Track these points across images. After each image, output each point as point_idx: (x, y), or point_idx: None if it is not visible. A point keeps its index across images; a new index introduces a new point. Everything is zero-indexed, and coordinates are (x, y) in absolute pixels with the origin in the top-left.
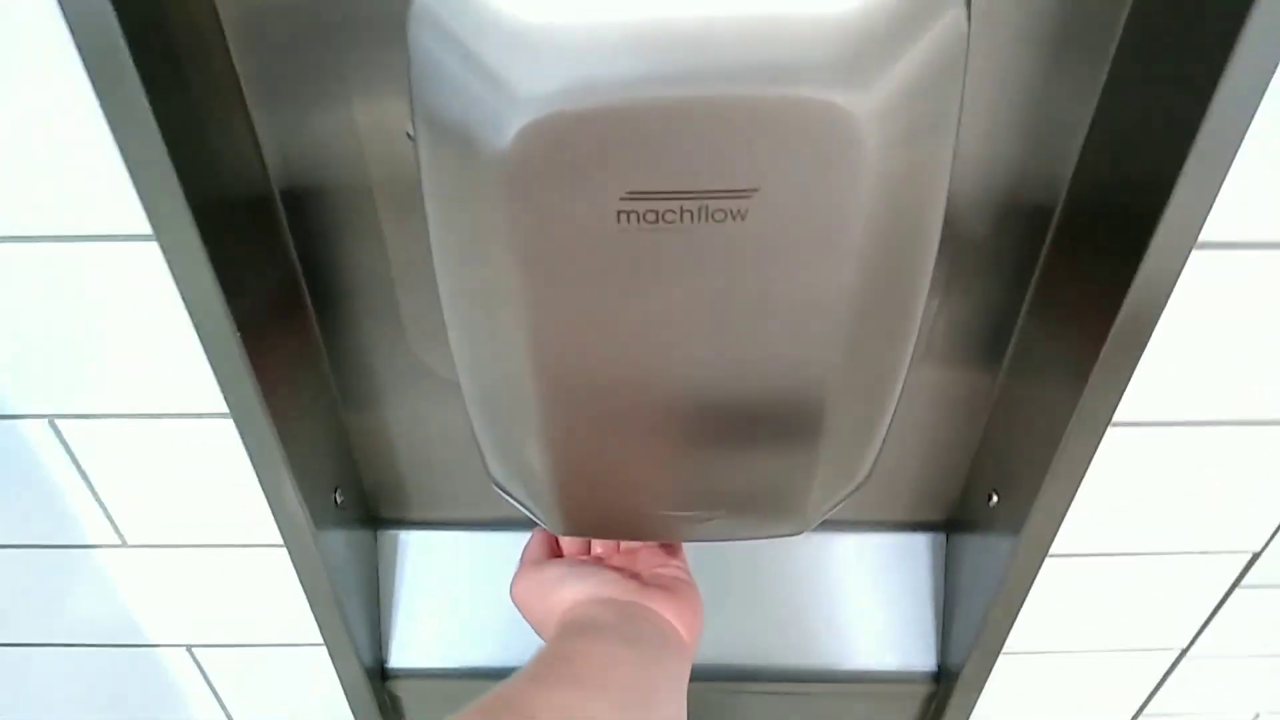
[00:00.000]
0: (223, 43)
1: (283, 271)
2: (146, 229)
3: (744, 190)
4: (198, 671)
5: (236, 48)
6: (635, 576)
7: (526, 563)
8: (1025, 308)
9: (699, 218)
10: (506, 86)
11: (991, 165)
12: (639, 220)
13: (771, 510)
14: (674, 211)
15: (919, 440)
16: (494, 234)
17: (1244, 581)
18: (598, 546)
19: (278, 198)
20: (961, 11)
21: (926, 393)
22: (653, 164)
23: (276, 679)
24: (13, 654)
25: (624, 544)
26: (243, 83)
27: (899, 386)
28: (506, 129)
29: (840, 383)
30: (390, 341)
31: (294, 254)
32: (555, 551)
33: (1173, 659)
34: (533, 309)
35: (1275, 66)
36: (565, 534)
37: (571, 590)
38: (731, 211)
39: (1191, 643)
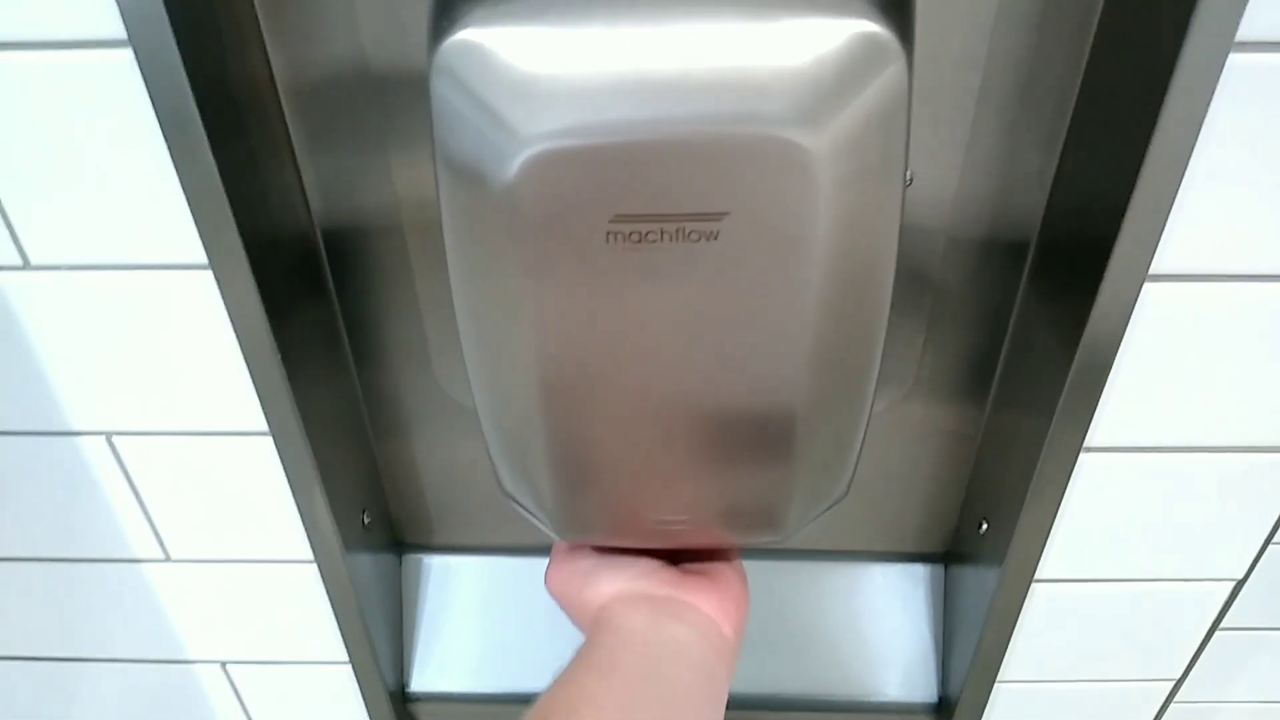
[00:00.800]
0: (276, 97)
1: (321, 304)
2: (203, 259)
3: (715, 214)
4: (230, 689)
5: (288, 102)
6: (674, 562)
7: (559, 550)
8: (1006, 342)
9: (676, 238)
10: (511, 128)
11: (971, 209)
12: (625, 240)
13: (753, 518)
14: (655, 232)
15: (916, 472)
16: (501, 255)
17: (1228, 614)
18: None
19: (320, 237)
20: (902, 66)
21: (922, 425)
22: (637, 191)
23: (304, 698)
24: (62, 669)
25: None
26: (292, 133)
27: (867, 405)
28: (511, 164)
29: (807, 398)
30: (418, 374)
31: (332, 289)
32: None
33: (1168, 690)
34: (534, 322)
35: (1205, 111)
36: (566, 539)
37: (606, 584)
38: (705, 233)
39: (1184, 676)
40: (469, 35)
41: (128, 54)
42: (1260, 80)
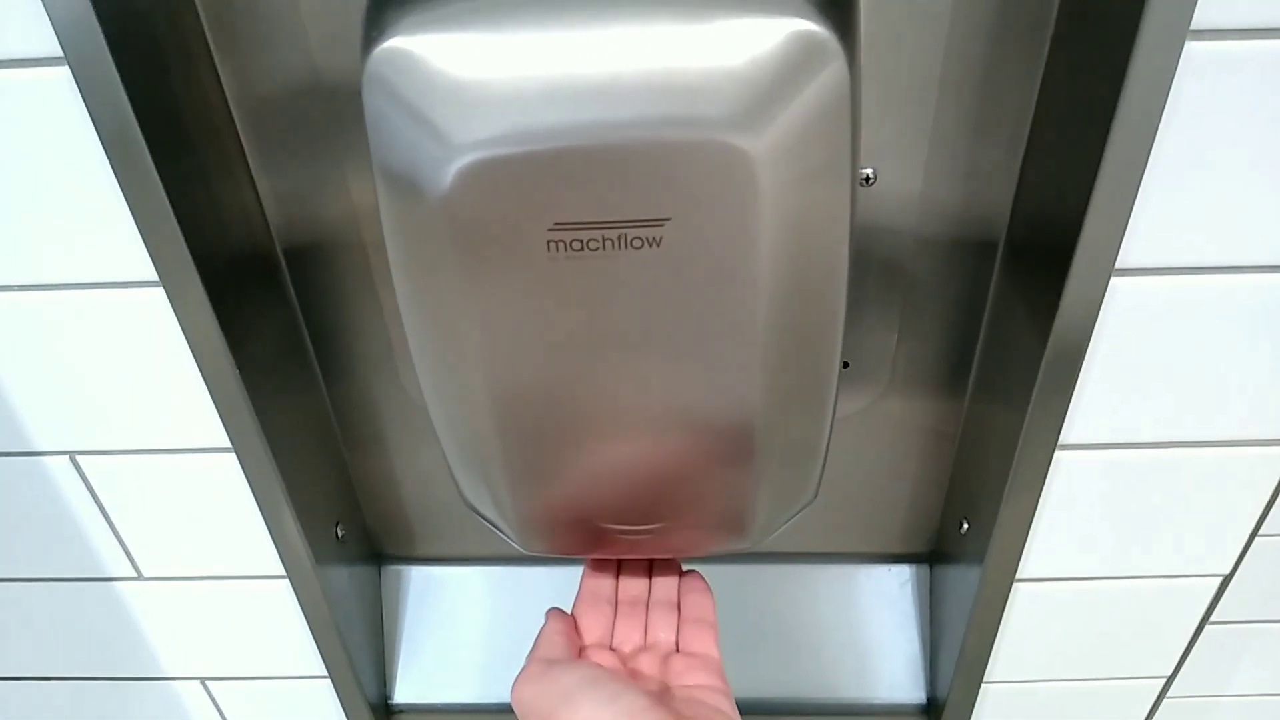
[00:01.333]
0: (227, 112)
1: (284, 317)
2: (153, 276)
3: (656, 220)
4: (211, 705)
5: (240, 116)
6: (665, 696)
7: (537, 660)
8: (981, 338)
9: (619, 245)
10: (445, 136)
11: (939, 205)
12: (566, 249)
13: (718, 525)
14: (597, 240)
15: (897, 471)
16: (442, 266)
17: (1216, 609)
18: (618, 636)
19: (279, 250)
20: (842, 63)
21: (900, 424)
22: (575, 198)
23: (286, 712)
24: (38, 688)
25: (649, 639)
26: (246, 147)
27: (828, 410)
28: (446, 173)
29: (765, 404)
30: (388, 384)
31: (295, 302)
32: (573, 642)
33: (1159, 688)
34: (479, 333)
35: (1163, 102)
36: (529, 550)
37: (585, 713)
38: (647, 239)
39: (1174, 674)
40: (399, 43)
41: (64, 71)
42: (1218, 69)
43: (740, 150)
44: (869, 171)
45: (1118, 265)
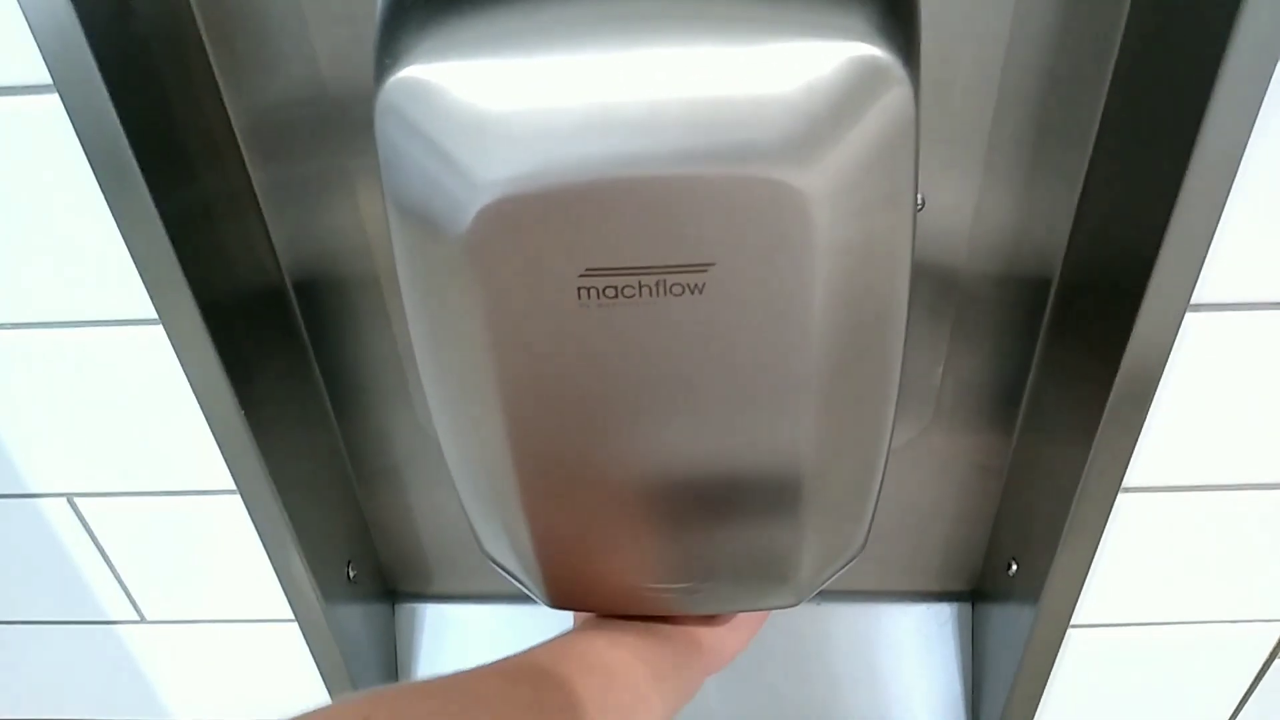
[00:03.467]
0: (233, 143)
1: (294, 354)
2: (152, 314)
3: (699, 265)
4: None
5: (248, 147)
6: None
7: None
8: (1031, 377)
9: (657, 292)
10: (465, 172)
11: (990, 234)
12: (599, 296)
13: (763, 582)
14: (632, 287)
15: (940, 508)
16: (461, 313)
17: (1278, 659)
18: None
19: (288, 283)
20: (907, 89)
21: (944, 461)
22: (608, 241)
23: None
24: None
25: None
26: (254, 180)
27: (882, 458)
28: (466, 212)
29: (816, 455)
30: (403, 420)
31: (305, 338)
32: None
33: None
34: (502, 386)
35: (1253, 122)
36: (557, 608)
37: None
38: (689, 286)
39: (1233, 717)
40: (415, 72)
41: (54, 100)
42: None
43: (793, 187)
44: (920, 197)
45: (1193, 301)
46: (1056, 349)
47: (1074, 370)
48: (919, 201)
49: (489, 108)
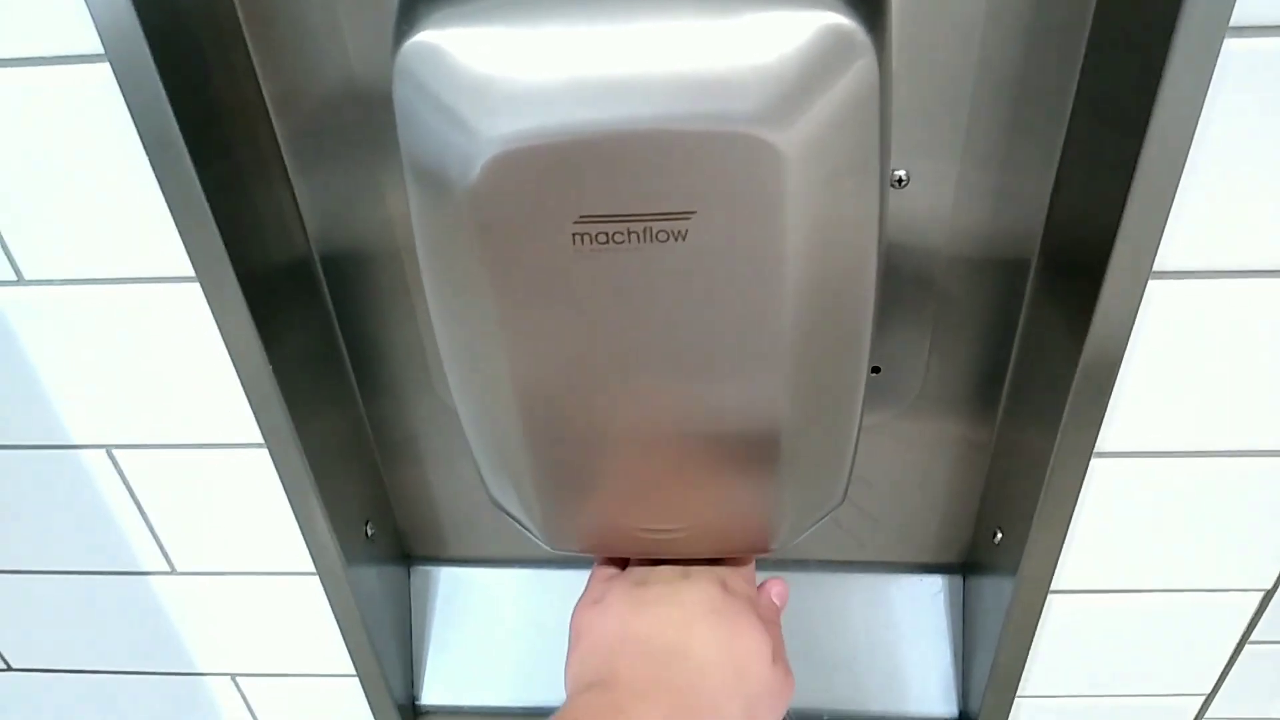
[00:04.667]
0: (265, 115)
1: (318, 319)
2: (190, 272)
3: (682, 213)
4: (241, 700)
5: (278, 120)
6: None
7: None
8: (1015, 345)
9: (644, 238)
10: (473, 130)
11: (972, 212)
12: (591, 241)
13: (744, 527)
14: (622, 233)
15: (930, 481)
16: (469, 259)
17: (1259, 626)
18: None
19: (315, 252)
20: (872, 60)
21: (933, 432)
22: (601, 191)
23: (314, 710)
24: (69, 680)
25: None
26: (283, 150)
27: (856, 411)
28: (474, 166)
29: (792, 401)
30: (422, 386)
31: (330, 304)
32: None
33: (1199, 705)
34: (504, 326)
35: (1202, 99)
36: (555, 549)
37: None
38: (673, 232)
39: (1214, 691)
40: (427, 37)
41: (105, 69)
42: (1258, 66)
43: (768, 144)
44: (902, 174)
45: (1155, 268)
46: (1036, 323)
47: (1051, 342)
48: (904, 177)
49: (494, 71)
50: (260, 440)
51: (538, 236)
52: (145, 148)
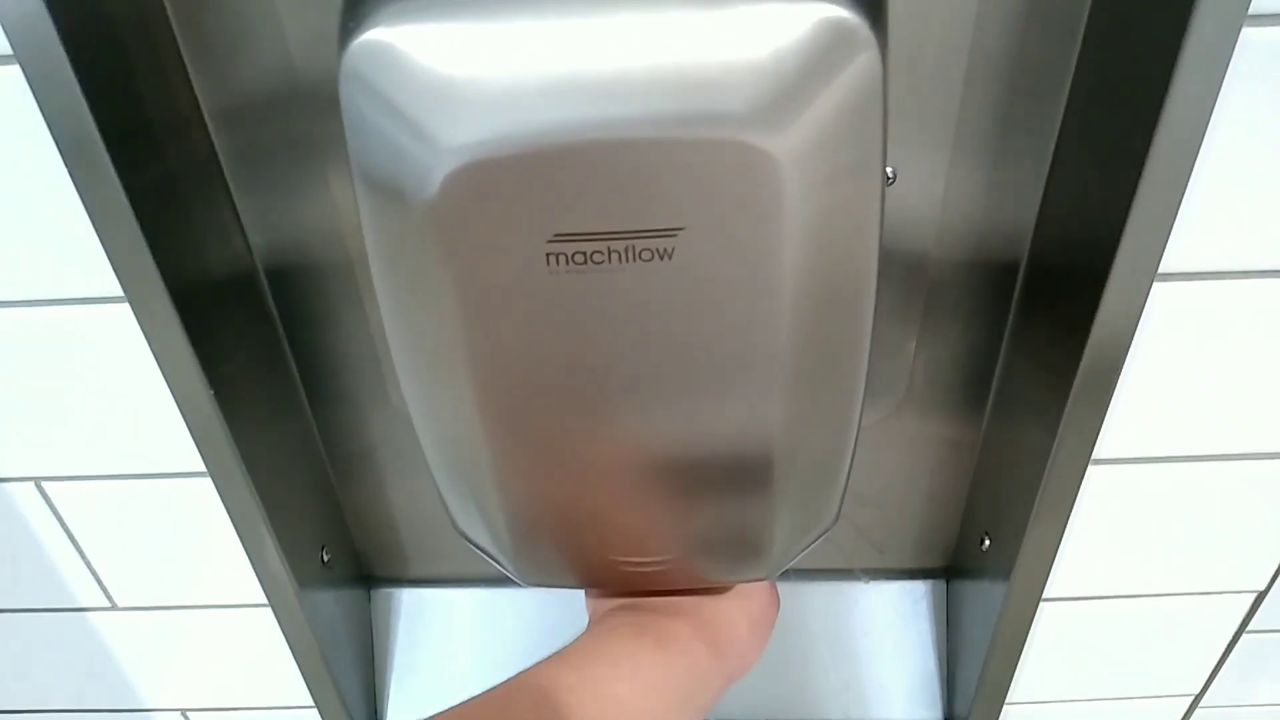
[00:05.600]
0: (200, 120)
1: (264, 336)
2: (118, 291)
3: (668, 230)
4: None
5: (215, 125)
6: None
7: None
8: (1004, 347)
9: (626, 258)
10: (430, 138)
11: (961, 207)
12: (568, 262)
13: (734, 555)
14: (601, 252)
15: (913, 485)
16: (429, 282)
17: (1251, 625)
18: None
19: (260, 268)
20: (874, 55)
21: (917, 437)
22: (577, 206)
23: None
24: None
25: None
26: (222, 159)
27: (853, 427)
28: (432, 179)
29: (787, 424)
30: (378, 400)
31: (277, 319)
32: None
33: (1187, 705)
34: (472, 356)
35: (1217, 92)
36: (527, 584)
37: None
38: (658, 251)
39: (1204, 689)
40: (377, 35)
41: (15, 70)
42: (1277, 56)
43: (763, 151)
44: (890, 170)
45: (1161, 270)
46: (1027, 325)
47: (1044, 344)
48: (890, 175)
49: (454, 72)
50: (202, 469)
51: (507, 257)
52: (63, 155)
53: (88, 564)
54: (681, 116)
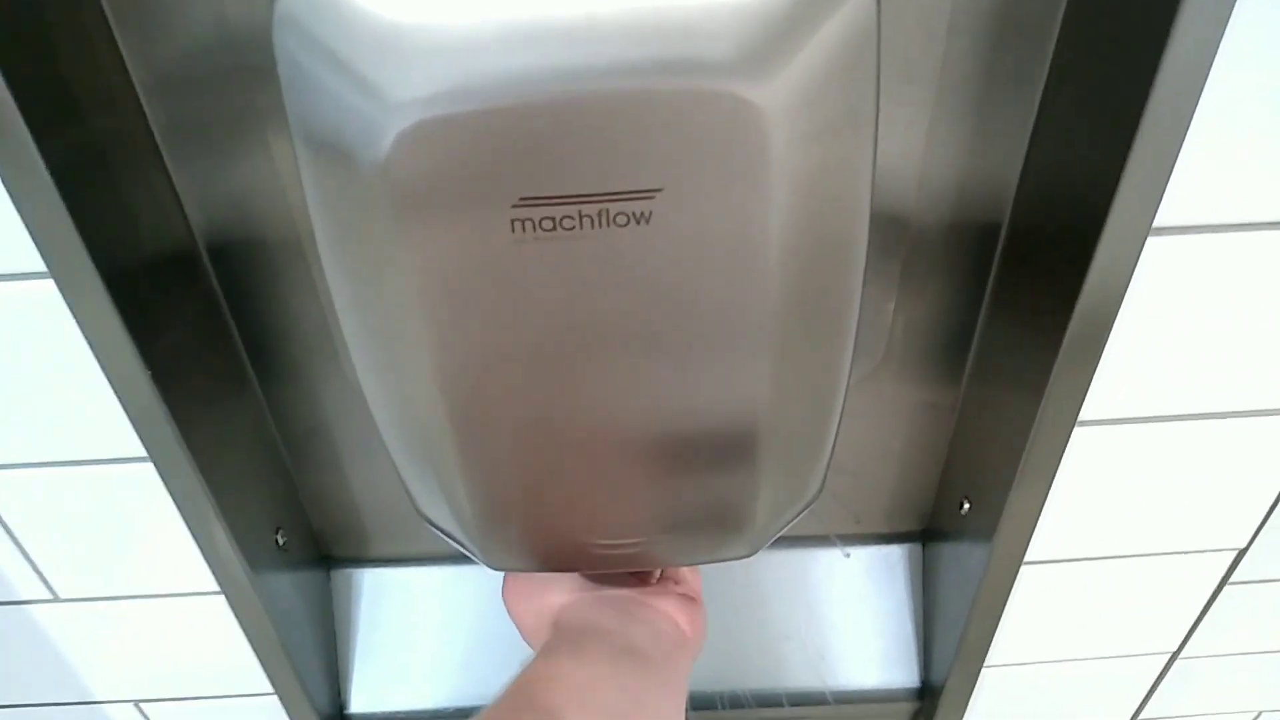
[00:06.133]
0: (128, 86)
1: (206, 313)
2: (40, 267)
3: (645, 191)
4: None
5: (145, 92)
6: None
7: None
8: (983, 313)
9: (599, 222)
10: (378, 93)
11: (941, 161)
12: (535, 228)
13: (715, 534)
14: (571, 217)
15: (889, 450)
16: (382, 252)
17: (1232, 578)
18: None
19: (200, 241)
20: None
21: (893, 401)
22: (543, 167)
23: None
24: None
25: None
26: (153, 126)
27: (840, 396)
28: (382, 138)
29: (772, 396)
30: (331, 373)
31: (220, 294)
32: None
33: (1164, 663)
34: (431, 333)
35: (1218, 45)
36: (497, 569)
37: (564, 588)
38: (634, 214)
39: (1182, 645)
40: None
41: None
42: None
43: (749, 102)
44: None
45: (1155, 224)
46: (1010, 283)
47: (1029, 303)
48: None
49: (402, 17)
50: (143, 453)
51: (467, 224)
52: None
53: (25, 555)
54: (659, 65)
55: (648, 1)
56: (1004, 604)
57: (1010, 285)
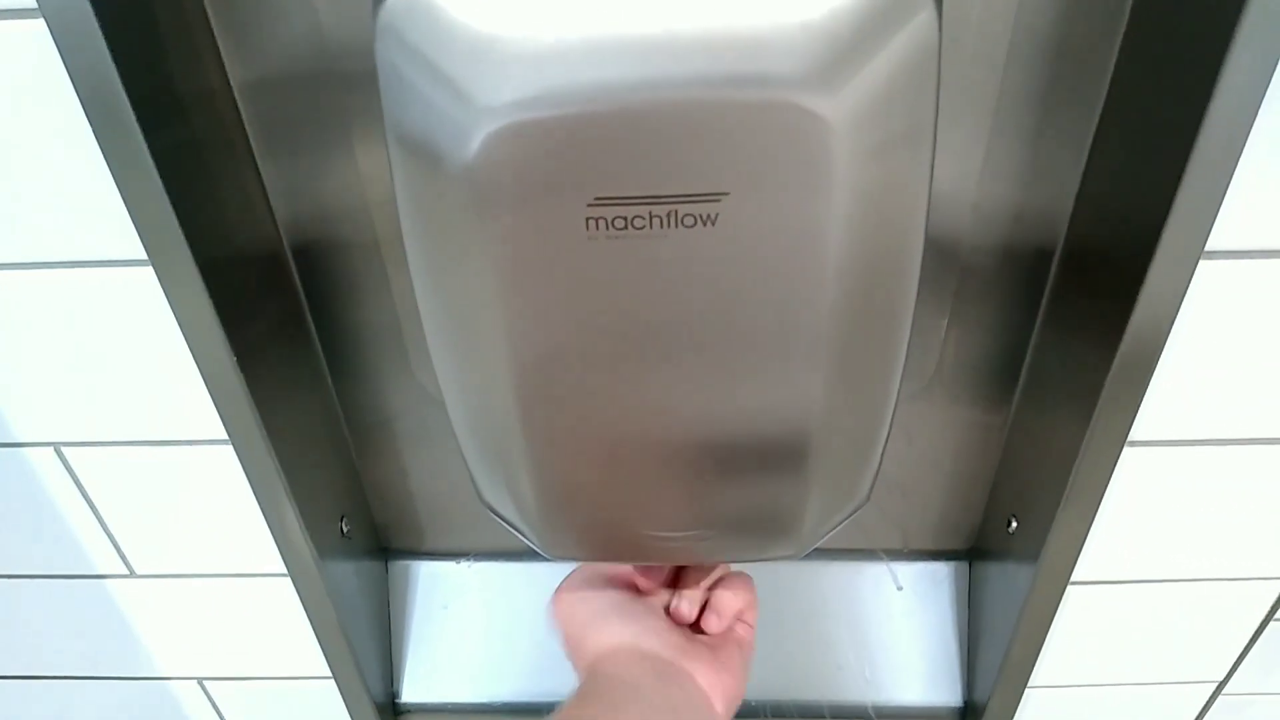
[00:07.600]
0: (227, 89)
1: (288, 306)
2: (141, 254)
3: (712, 195)
4: (209, 705)
5: (242, 96)
6: (685, 626)
7: (576, 580)
8: (1036, 333)
9: (668, 223)
10: (469, 98)
11: (998, 181)
12: (608, 227)
13: (765, 532)
14: (643, 217)
15: (939, 467)
16: (465, 246)
17: (1279, 614)
18: (645, 577)
19: (285, 240)
20: (932, 14)
21: (943, 419)
22: (618, 169)
23: (288, 714)
24: (26, 686)
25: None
26: (248, 128)
27: (891, 403)
28: (470, 140)
29: (826, 398)
30: (399, 375)
31: (300, 290)
32: (608, 574)
33: (1210, 692)
34: (507, 322)
35: (1274, 68)
36: (553, 556)
37: (613, 632)
38: (701, 217)
39: (1229, 675)
40: None
41: (39, 25)
42: None
43: (814, 114)
44: None
45: (1208, 248)
46: (1063, 304)
47: (1081, 324)
48: None
49: (494, 29)
50: (224, 436)
51: (546, 221)
52: (87, 114)
53: (106, 531)
54: (730, 77)
55: (722, 19)
56: (1049, 624)
57: (1063, 306)
